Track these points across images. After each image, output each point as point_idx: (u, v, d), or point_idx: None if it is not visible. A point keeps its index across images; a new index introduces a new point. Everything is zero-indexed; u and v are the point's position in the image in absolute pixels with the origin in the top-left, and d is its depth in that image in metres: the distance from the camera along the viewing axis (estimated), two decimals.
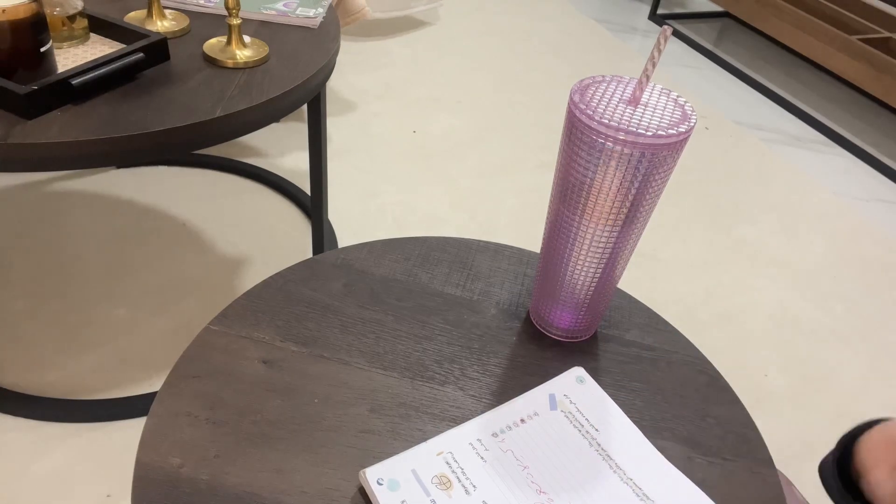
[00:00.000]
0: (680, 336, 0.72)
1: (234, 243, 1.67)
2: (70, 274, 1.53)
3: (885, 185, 2.34)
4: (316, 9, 1.22)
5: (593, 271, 0.63)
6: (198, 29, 1.13)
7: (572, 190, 0.59)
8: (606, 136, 0.54)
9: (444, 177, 2.04)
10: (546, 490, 0.54)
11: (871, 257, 1.98)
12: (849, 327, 1.72)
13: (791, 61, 3.06)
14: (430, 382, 0.63)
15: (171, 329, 1.44)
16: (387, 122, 2.24)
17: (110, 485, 1.17)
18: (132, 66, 0.97)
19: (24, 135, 0.85)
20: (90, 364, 1.35)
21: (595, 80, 0.60)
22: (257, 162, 1.93)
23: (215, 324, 0.65)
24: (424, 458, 0.55)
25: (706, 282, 1.80)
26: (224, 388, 0.59)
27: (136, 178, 1.83)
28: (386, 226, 1.82)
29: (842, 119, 2.69)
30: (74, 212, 1.70)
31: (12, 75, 0.88)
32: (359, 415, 0.59)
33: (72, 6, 1.01)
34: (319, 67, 1.09)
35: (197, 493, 0.52)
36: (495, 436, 0.57)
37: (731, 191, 2.17)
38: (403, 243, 0.78)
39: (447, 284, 0.74)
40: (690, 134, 0.55)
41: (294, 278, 0.71)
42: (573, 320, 0.68)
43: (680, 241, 1.92)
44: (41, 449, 1.20)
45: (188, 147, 0.96)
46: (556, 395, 0.62)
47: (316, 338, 0.65)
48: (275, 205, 1.83)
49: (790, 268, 1.89)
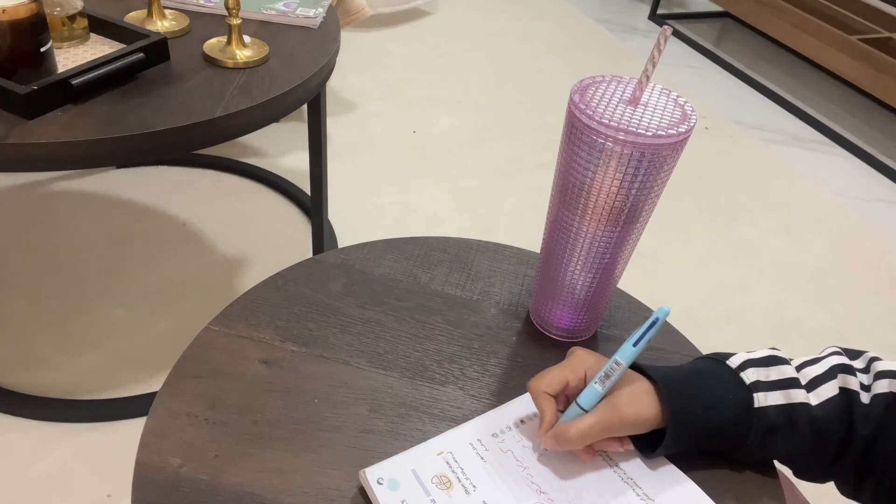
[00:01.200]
0: (680, 336, 0.72)
1: (234, 243, 1.67)
2: (70, 274, 1.53)
3: (885, 185, 2.34)
4: (316, 9, 1.22)
5: (593, 271, 0.63)
6: (198, 29, 1.13)
7: (572, 190, 0.59)
8: (606, 136, 0.54)
9: (444, 177, 2.04)
10: (546, 490, 0.54)
11: (871, 257, 1.98)
12: (849, 327, 1.72)
13: (791, 61, 3.06)
14: (430, 382, 0.63)
15: (171, 329, 1.44)
16: (387, 122, 2.24)
17: (110, 485, 1.17)
18: (132, 66, 0.97)
19: (24, 135, 0.85)
20: (90, 364, 1.35)
21: (595, 80, 0.59)
22: (257, 162, 1.93)
23: (215, 324, 0.65)
24: (424, 457, 0.55)
25: (706, 282, 1.80)
26: (224, 388, 0.59)
27: (136, 178, 1.82)
28: (386, 226, 1.82)
29: (842, 119, 2.69)
30: (74, 212, 1.70)
31: (12, 75, 0.88)
32: (359, 415, 0.59)
33: (72, 6, 1.01)
34: (319, 67, 1.09)
35: (197, 493, 0.52)
36: (495, 436, 0.57)
37: (731, 191, 2.17)
38: (403, 243, 0.78)
39: (447, 284, 0.74)
40: (690, 134, 0.55)
41: (294, 278, 0.71)
42: (573, 320, 0.68)
43: (680, 241, 1.92)
44: (41, 449, 1.20)
45: (188, 147, 0.96)
46: None
47: (316, 338, 0.65)
48: (275, 205, 1.83)
49: (790, 268, 1.89)
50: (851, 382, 0.55)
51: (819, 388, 0.55)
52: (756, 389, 0.55)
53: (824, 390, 0.55)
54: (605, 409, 0.53)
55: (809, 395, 0.54)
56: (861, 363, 0.57)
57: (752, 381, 0.55)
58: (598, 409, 0.53)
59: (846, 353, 0.58)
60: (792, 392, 0.54)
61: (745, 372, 0.56)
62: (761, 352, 0.58)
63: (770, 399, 0.54)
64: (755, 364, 0.56)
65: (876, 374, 0.55)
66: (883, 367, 0.55)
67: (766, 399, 0.54)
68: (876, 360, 0.56)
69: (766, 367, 0.56)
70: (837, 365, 0.56)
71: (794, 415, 0.54)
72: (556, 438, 0.53)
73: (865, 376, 0.56)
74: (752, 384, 0.55)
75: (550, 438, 0.54)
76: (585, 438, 0.53)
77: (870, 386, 0.55)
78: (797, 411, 0.54)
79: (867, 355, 0.58)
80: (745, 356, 0.57)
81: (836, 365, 0.56)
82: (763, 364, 0.56)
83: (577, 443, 0.53)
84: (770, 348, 0.59)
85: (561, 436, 0.53)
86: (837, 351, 0.58)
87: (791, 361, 0.57)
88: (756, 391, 0.55)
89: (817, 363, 0.57)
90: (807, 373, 0.56)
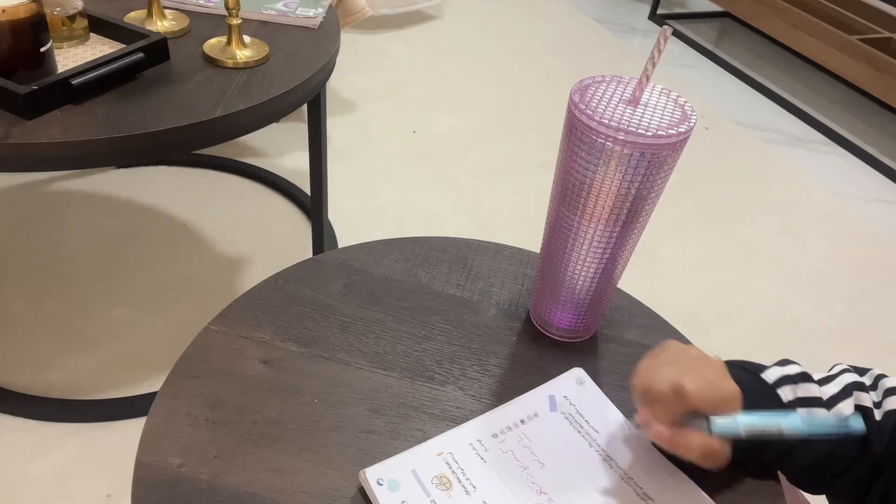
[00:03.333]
0: (680, 336, 0.72)
1: (234, 243, 1.67)
2: (70, 274, 1.53)
3: (885, 185, 2.34)
4: (316, 9, 1.22)
5: (593, 271, 0.63)
6: (198, 29, 1.13)
7: (572, 190, 0.59)
8: (606, 136, 0.54)
9: (444, 177, 2.04)
10: (546, 490, 0.54)
11: (871, 257, 1.98)
12: (849, 327, 1.72)
13: (791, 61, 3.06)
14: (430, 382, 0.63)
15: (171, 329, 1.44)
16: (387, 122, 2.24)
17: (110, 485, 1.17)
18: (132, 66, 0.97)
19: (24, 135, 0.85)
20: (90, 364, 1.35)
21: (595, 80, 0.59)
22: (257, 162, 1.93)
23: (215, 324, 0.65)
24: (424, 458, 0.55)
25: (706, 282, 1.80)
26: (224, 388, 0.59)
27: (136, 178, 1.82)
28: (386, 226, 1.82)
29: (842, 119, 2.69)
30: (74, 212, 1.70)
31: (12, 75, 0.88)
32: (359, 415, 0.59)
33: (72, 6, 1.01)
34: (319, 67, 1.09)
35: (197, 493, 0.52)
36: (495, 436, 0.57)
37: (731, 191, 2.17)
38: (403, 243, 0.78)
39: (447, 284, 0.74)
40: (690, 134, 0.55)
41: (294, 278, 0.71)
42: (573, 320, 0.68)
43: (680, 241, 1.92)
44: (41, 449, 1.20)
45: (188, 147, 0.96)
46: (556, 397, 0.62)
47: (316, 338, 0.65)
48: (275, 205, 1.83)
49: (790, 268, 1.89)
50: (864, 399, 0.56)
51: (838, 406, 0.56)
52: (792, 411, 0.55)
53: (843, 408, 0.56)
54: (726, 447, 0.52)
55: (830, 414, 0.55)
56: (868, 380, 0.58)
57: (788, 399, 0.56)
58: (724, 444, 0.52)
59: (853, 368, 0.60)
60: (815, 412, 0.56)
61: (781, 389, 0.56)
62: (791, 368, 0.58)
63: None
64: (790, 381, 0.57)
65: (885, 392, 0.56)
66: (891, 385, 0.57)
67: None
68: (882, 378, 0.58)
69: (796, 384, 0.57)
70: (852, 383, 0.57)
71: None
72: (674, 443, 0.52)
73: (874, 393, 0.57)
74: (789, 403, 0.56)
75: (668, 439, 0.52)
76: (698, 454, 0.51)
77: (880, 402, 0.56)
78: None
79: (873, 372, 0.59)
80: (780, 371, 0.58)
81: (851, 383, 0.57)
82: (795, 381, 0.57)
83: (692, 453, 0.51)
84: (786, 361, 0.59)
85: (684, 445, 0.51)
86: (847, 368, 0.59)
87: (813, 377, 0.58)
88: (792, 412, 0.55)
89: (832, 381, 0.58)
90: (825, 391, 0.57)
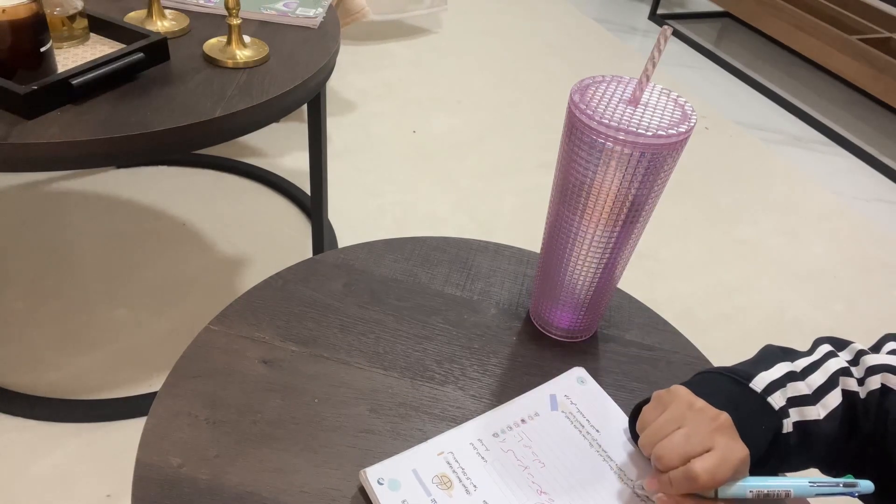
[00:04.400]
0: (680, 336, 0.72)
1: (234, 243, 1.67)
2: (70, 274, 1.53)
3: (885, 185, 2.34)
4: (316, 9, 1.22)
5: (593, 271, 0.63)
6: (198, 29, 1.13)
7: (572, 190, 0.59)
8: (606, 136, 0.54)
9: (444, 177, 2.04)
10: (546, 490, 0.54)
11: (871, 257, 1.97)
12: (849, 327, 1.72)
13: (791, 61, 3.06)
14: (430, 382, 0.63)
15: (171, 329, 1.44)
16: (387, 122, 2.24)
17: (110, 485, 1.17)
18: (132, 66, 0.97)
19: (24, 135, 0.85)
20: (90, 364, 1.35)
21: (595, 80, 0.59)
22: (257, 162, 1.93)
23: (215, 324, 0.65)
24: (425, 457, 0.55)
25: (706, 282, 1.80)
26: (224, 388, 0.59)
27: (136, 178, 1.82)
28: (386, 226, 1.82)
29: (842, 119, 2.69)
30: (74, 212, 1.70)
31: (12, 75, 0.88)
32: (359, 415, 0.59)
33: (72, 6, 1.01)
34: (319, 67, 1.09)
35: (197, 493, 0.52)
36: (496, 436, 0.57)
37: (731, 191, 2.17)
38: (403, 243, 0.78)
39: (447, 284, 0.74)
40: (690, 134, 0.55)
41: (294, 278, 0.71)
42: (573, 320, 0.68)
43: (680, 241, 1.92)
44: (41, 449, 1.20)
45: (188, 147, 0.96)
46: (557, 396, 0.62)
47: (316, 338, 0.65)
48: (275, 205, 1.83)
49: (790, 268, 1.89)
50: (850, 384, 0.56)
51: (825, 399, 0.55)
52: (784, 416, 0.55)
53: (830, 400, 0.55)
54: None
55: (818, 408, 0.55)
56: (848, 355, 0.58)
57: (780, 406, 0.55)
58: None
59: (833, 344, 0.59)
60: (805, 409, 0.55)
61: (771, 397, 0.55)
62: (777, 369, 0.57)
63: (792, 419, 0.55)
64: (778, 386, 0.56)
65: (867, 370, 0.56)
66: (872, 363, 0.56)
67: (790, 424, 0.55)
68: (864, 355, 0.57)
69: (784, 386, 0.56)
70: (837, 370, 0.56)
71: (808, 431, 0.55)
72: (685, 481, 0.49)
73: (856, 369, 0.57)
74: (781, 410, 0.55)
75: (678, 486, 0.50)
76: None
77: (863, 380, 0.56)
78: (811, 428, 0.55)
79: (853, 346, 0.59)
80: (767, 377, 0.56)
81: (836, 370, 0.56)
82: (782, 384, 0.56)
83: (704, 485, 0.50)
84: (768, 354, 0.59)
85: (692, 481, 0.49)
86: (830, 350, 0.59)
87: (794, 363, 0.57)
88: (784, 417, 0.55)
89: (817, 369, 0.57)
90: (812, 382, 0.56)
